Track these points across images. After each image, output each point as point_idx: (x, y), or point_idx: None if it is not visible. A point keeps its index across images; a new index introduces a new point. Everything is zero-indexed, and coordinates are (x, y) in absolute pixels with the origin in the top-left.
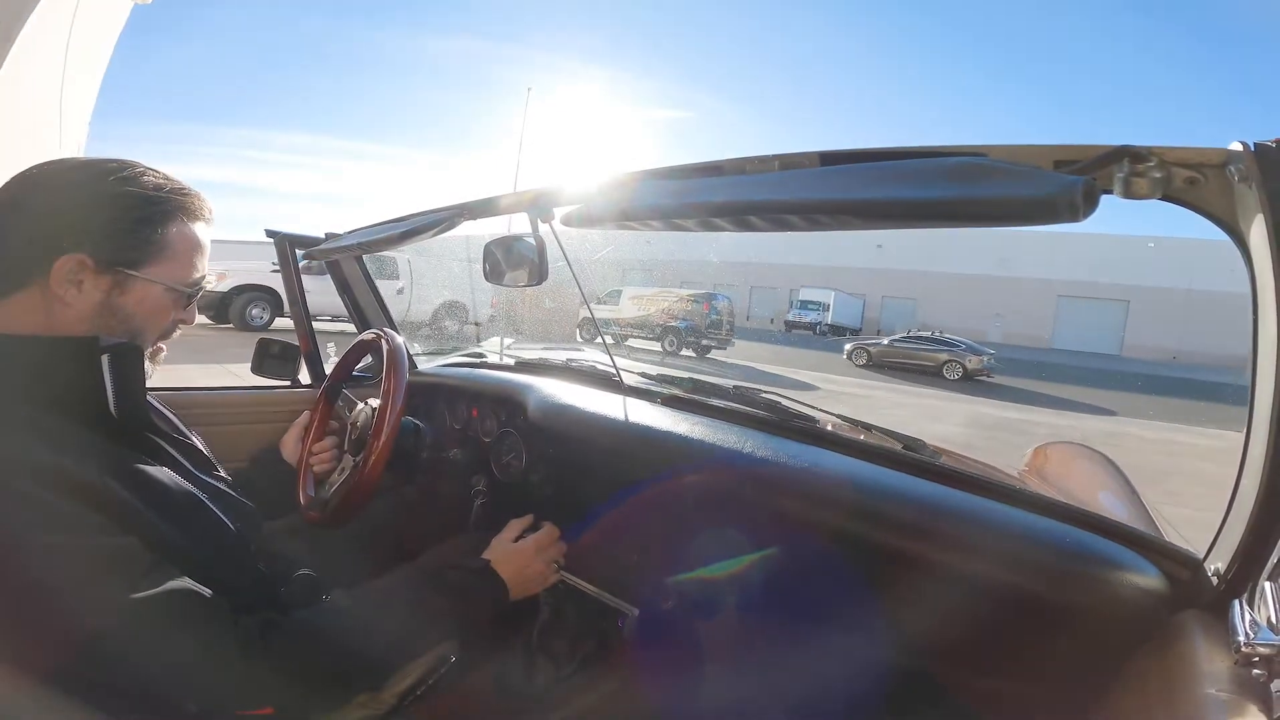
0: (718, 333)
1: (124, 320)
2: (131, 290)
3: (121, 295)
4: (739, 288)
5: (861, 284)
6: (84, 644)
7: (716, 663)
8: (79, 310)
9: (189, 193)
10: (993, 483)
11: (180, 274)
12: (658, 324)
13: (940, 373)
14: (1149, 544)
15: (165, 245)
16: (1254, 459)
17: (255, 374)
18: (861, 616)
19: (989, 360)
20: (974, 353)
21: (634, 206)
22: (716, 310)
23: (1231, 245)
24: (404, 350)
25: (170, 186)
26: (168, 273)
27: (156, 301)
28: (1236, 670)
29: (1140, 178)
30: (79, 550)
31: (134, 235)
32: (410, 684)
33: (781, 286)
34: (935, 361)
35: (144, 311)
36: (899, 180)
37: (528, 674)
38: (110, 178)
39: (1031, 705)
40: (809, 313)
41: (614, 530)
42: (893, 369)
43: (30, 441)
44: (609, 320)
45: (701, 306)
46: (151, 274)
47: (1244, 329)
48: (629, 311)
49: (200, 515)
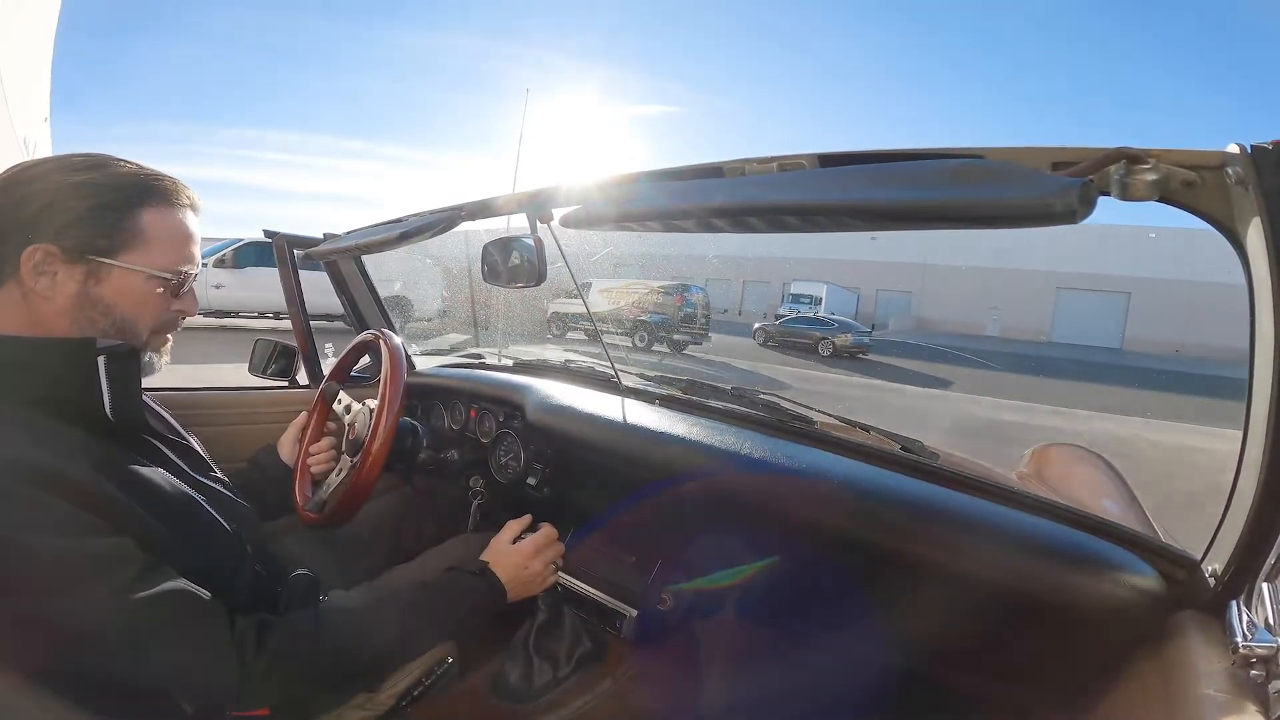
0: (691, 327)
1: (106, 312)
2: (108, 279)
3: (98, 285)
4: (732, 282)
5: (856, 277)
6: (79, 644)
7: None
8: (58, 304)
9: (163, 178)
10: (990, 484)
11: (160, 260)
12: (628, 318)
13: (815, 349)
14: (1146, 545)
15: (139, 231)
16: (1251, 460)
17: (253, 374)
18: (859, 618)
19: (859, 338)
20: (845, 331)
21: (633, 207)
22: (690, 303)
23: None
24: (402, 351)
25: (142, 174)
26: (146, 259)
27: (139, 290)
28: (1234, 671)
29: (1137, 179)
30: (74, 551)
31: (102, 222)
32: (408, 685)
33: (775, 280)
34: (812, 339)
35: (126, 302)
36: (897, 182)
37: (525, 675)
38: (76, 169)
39: (1029, 706)
40: (800, 306)
41: (612, 531)
42: (785, 347)
43: (24, 442)
44: (578, 315)
45: (674, 299)
46: (128, 261)
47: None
48: (598, 305)
49: (195, 517)
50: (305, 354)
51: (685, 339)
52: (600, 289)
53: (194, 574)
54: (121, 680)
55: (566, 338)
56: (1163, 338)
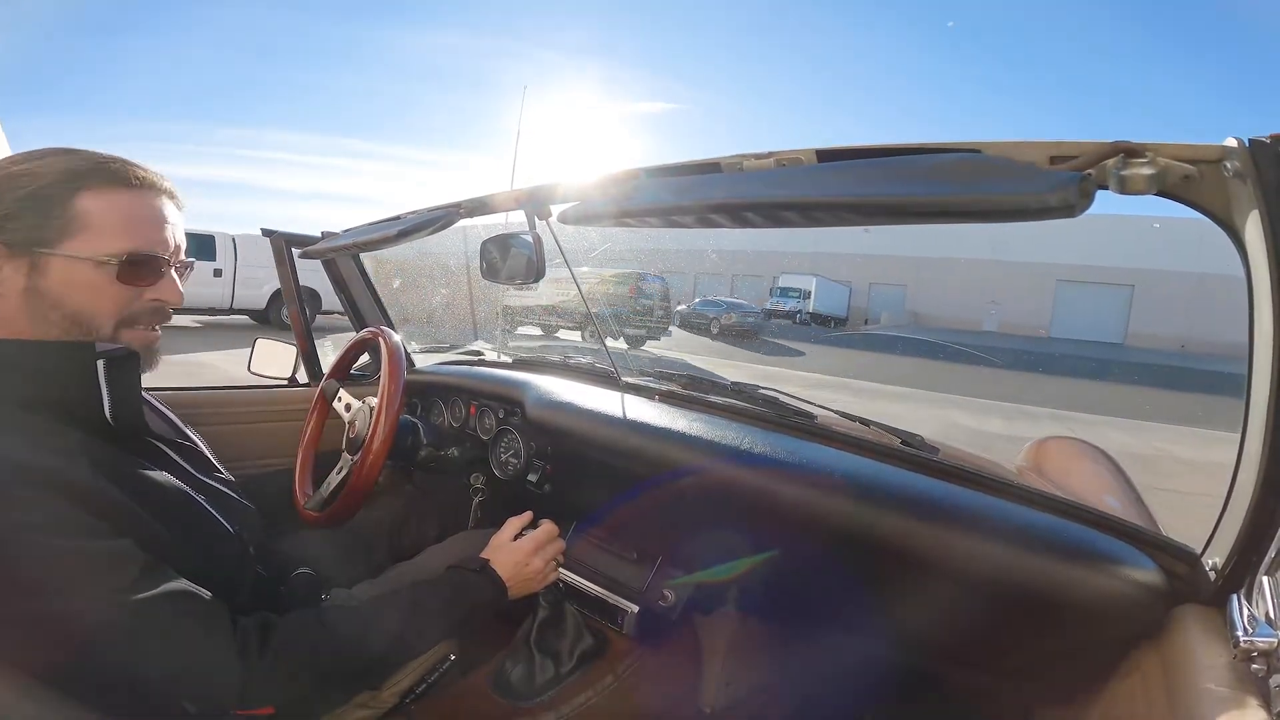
0: (648, 319)
1: (56, 304)
2: (50, 271)
3: (43, 278)
4: (722, 276)
5: (849, 271)
6: (81, 645)
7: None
8: (11, 301)
9: (109, 160)
10: (990, 478)
11: (107, 245)
12: (579, 310)
13: (708, 329)
14: (1147, 539)
15: (78, 217)
16: (1250, 454)
17: (252, 373)
18: (860, 613)
19: (743, 319)
20: (732, 311)
21: (631, 204)
22: (645, 294)
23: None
24: (402, 349)
25: (86, 157)
26: (90, 245)
27: (87, 279)
28: (1235, 665)
29: (1135, 174)
30: (74, 552)
31: (37, 212)
32: (410, 683)
33: (766, 274)
34: (705, 320)
35: (76, 293)
36: (895, 177)
37: (527, 672)
38: (16, 162)
39: (1030, 700)
40: (789, 300)
41: (613, 527)
42: (690, 328)
43: (23, 444)
44: (532, 308)
45: (627, 290)
46: (69, 249)
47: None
48: (548, 297)
49: (197, 518)
50: (305, 352)
51: (639, 333)
52: (550, 278)
53: (195, 575)
54: (124, 681)
55: (517, 333)
56: (1168, 332)
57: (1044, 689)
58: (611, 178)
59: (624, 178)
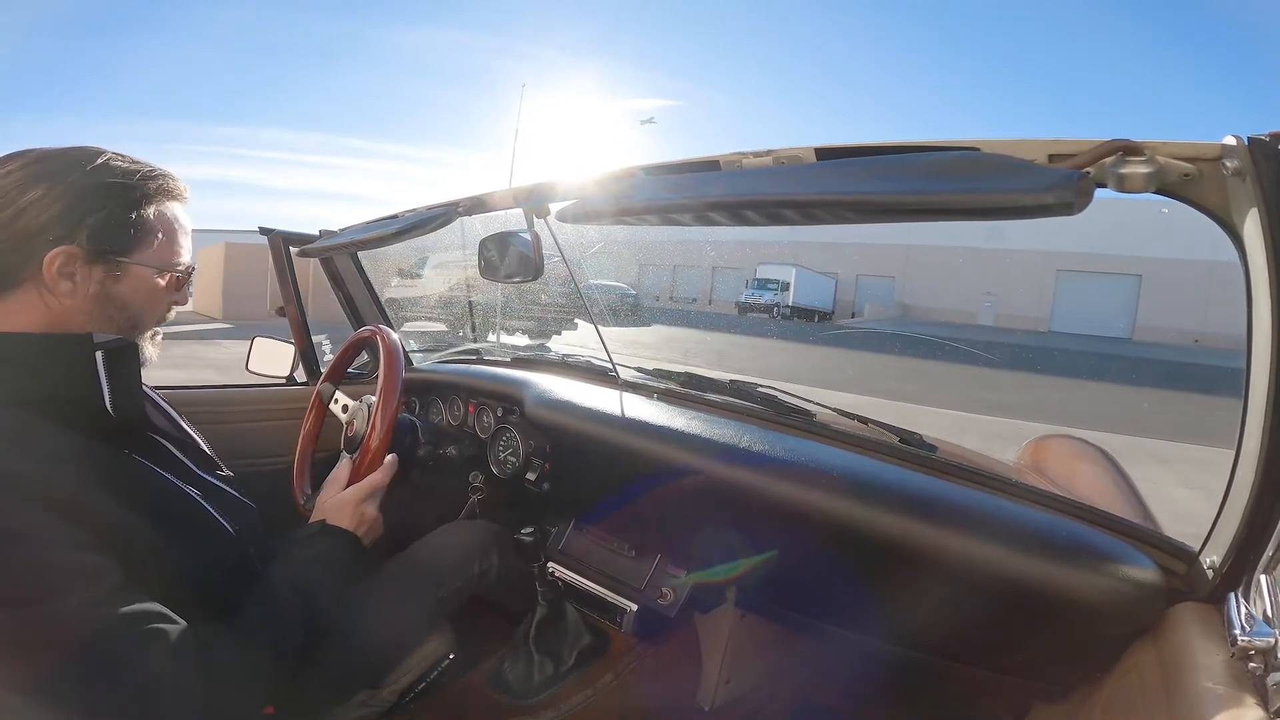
0: (539, 307)
1: (123, 309)
2: (126, 277)
3: (117, 284)
4: (701, 269)
5: (836, 261)
6: (44, 655)
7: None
8: (77, 303)
9: (165, 174)
10: (988, 475)
11: (169, 256)
12: (463, 300)
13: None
14: (1144, 537)
15: (151, 229)
16: (1248, 452)
17: (249, 371)
18: (858, 610)
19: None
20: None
21: (629, 201)
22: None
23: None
24: (400, 347)
25: (145, 169)
26: (157, 256)
27: (150, 286)
28: (1233, 664)
29: (1134, 172)
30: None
31: (120, 221)
32: (410, 681)
33: (746, 266)
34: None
35: (140, 298)
36: (894, 175)
37: (526, 671)
38: (86, 166)
39: (1027, 697)
40: (766, 293)
41: (611, 525)
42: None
43: (13, 449)
44: (417, 299)
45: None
46: (142, 258)
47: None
48: (434, 285)
49: (195, 516)
50: (303, 351)
51: (530, 324)
52: (434, 264)
53: (193, 573)
54: (88, 697)
55: (403, 329)
56: (1179, 325)
57: (1042, 686)
58: (610, 176)
59: (622, 176)
